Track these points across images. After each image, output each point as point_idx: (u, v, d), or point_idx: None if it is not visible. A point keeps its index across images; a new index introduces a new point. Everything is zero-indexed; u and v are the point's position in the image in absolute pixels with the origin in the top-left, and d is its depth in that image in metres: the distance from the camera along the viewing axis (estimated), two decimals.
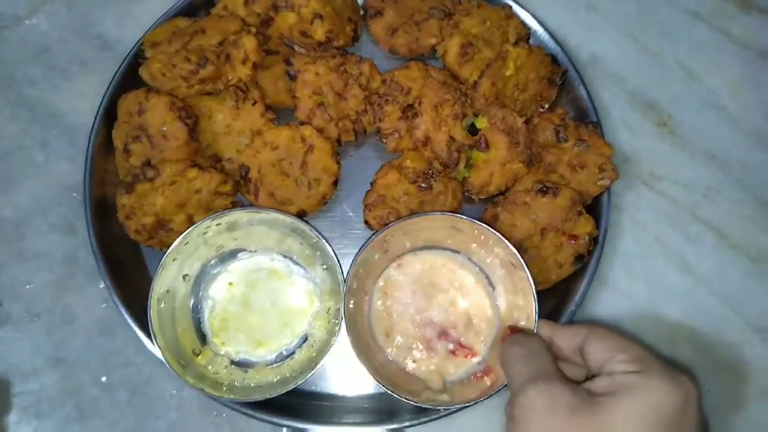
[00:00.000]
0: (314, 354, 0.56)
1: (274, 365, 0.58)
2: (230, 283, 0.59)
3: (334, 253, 0.55)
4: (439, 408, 0.55)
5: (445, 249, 0.60)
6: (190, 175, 0.57)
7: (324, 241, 0.55)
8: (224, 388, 0.54)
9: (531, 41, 0.66)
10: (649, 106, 0.69)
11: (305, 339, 0.59)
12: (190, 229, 0.54)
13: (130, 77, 0.61)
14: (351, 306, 0.55)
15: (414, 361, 0.58)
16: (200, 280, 0.59)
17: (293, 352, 0.59)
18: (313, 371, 0.54)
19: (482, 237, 0.56)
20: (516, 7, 0.66)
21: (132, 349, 0.59)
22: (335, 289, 0.56)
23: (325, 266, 0.58)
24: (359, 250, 0.55)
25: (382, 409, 0.59)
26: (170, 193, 0.56)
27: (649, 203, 0.66)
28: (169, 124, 0.57)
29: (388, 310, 0.59)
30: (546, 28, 0.66)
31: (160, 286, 0.54)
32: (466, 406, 0.54)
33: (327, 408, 0.59)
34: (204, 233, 0.56)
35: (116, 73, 0.62)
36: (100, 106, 0.61)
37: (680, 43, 0.70)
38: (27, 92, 0.66)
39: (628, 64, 0.70)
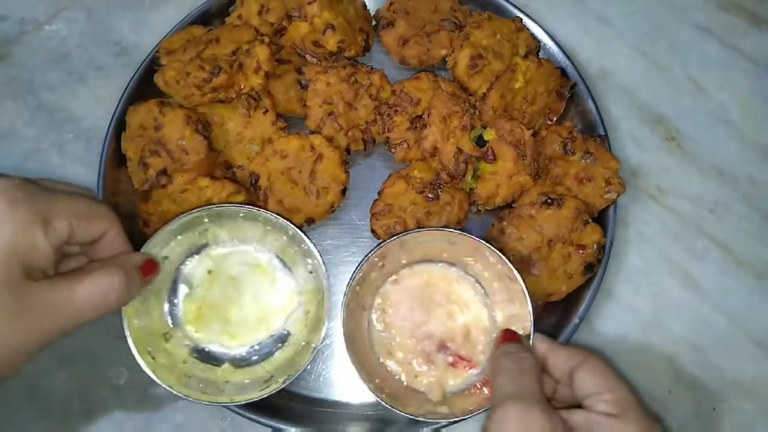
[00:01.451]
0: (293, 355, 0.56)
1: (245, 364, 0.57)
2: (209, 272, 0.59)
3: (321, 259, 0.55)
4: (439, 421, 0.56)
5: (441, 262, 0.60)
6: (202, 183, 0.58)
7: (311, 245, 0.55)
8: (195, 384, 0.54)
9: (541, 54, 0.67)
10: (658, 120, 0.69)
11: (283, 339, 0.58)
12: (179, 218, 0.54)
13: (144, 84, 0.63)
14: (349, 325, 0.56)
15: (414, 375, 0.58)
16: (180, 265, 0.58)
17: (270, 353, 0.58)
18: (296, 374, 0.54)
19: (478, 251, 0.57)
20: (526, 20, 0.67)
21: None
22: (317, 293, 0.56)
23: (310, 269, 0.58)
24: (355, 269, 0.56)
25: (386, 417, 0.60)
26: (182, 201, 0.58)
27: (655, 217, 0.66)
28: (187, 138, 0.58)
29: (387, 327, 0.59)
30: (556, 41, 0.66)
31: None
32: (465, 419, 0.54)
33: (332, 415, 0.60)
34: (192, 221, 0.55)
35: (131, 79, 0.63)
36: (113, 116, 0.62)
37: (690, 58, 0.71)
38: (45, 97, 0.68)
39: (637, 78, 0.70)
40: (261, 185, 0.60)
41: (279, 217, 0.55)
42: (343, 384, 0.61)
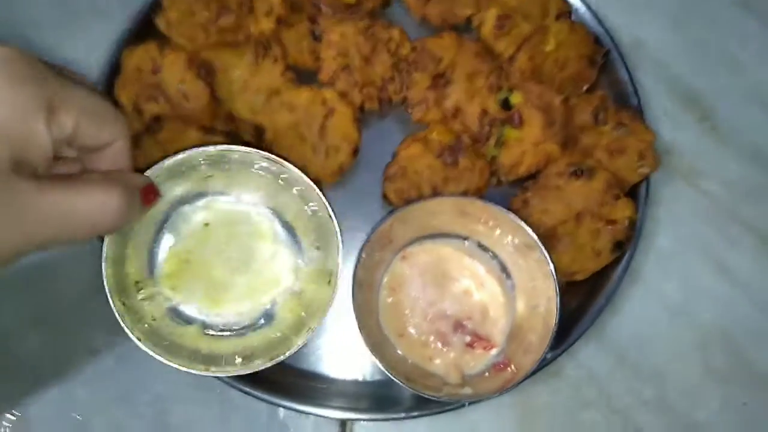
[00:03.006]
0: (275, 336, 0.50)
1: (217, 333, 0.51)
2: (206, 224, 0.52)
3: (339, 237, 0.49)
4: (463, 402, 0.52)
5: (452, 237, 0.56)
6: (192, 136, 0.52)
7: (331, 217, 0.49)
8: (163, 342, 0.48)
9: (572, 19, 0.62)
10: (692, 97, 0.65)
11: (266, 318, 0.52)
12: (186, 152, 0.47)
13: (145, 27, 0.57)
14: (360, 302, 0.51)
15: (429, 357, 0.54)
16: (173, 209, 0.52)
17: (246, 328, 0.52)
18: (272, 362, 0.48)
19: (493, 220, 0.53)
20: None
21: None
22: (321, 274, 0.51)
23: (318, 245, 0.52)
24: (363, 243, 0.51)
25: (388, 396, 0.55)
26: (170, 151, 0.52)
27: (687, 200, 0.62)
28: (188, 83, 0.53)
29: (398, 307, 0.55)
30: (588, 6, 0.62)
31: None
32: (489, 398, 0.50)
33: (327, 391, 0.55)
34: (201, 160, 0.49)
35: (131, 23, 0.58)
36: (108, 59, 0.57)
37: (728, 34, 0.66)
38: (38, 39, 0.63)
39: (671, 51, 0.65)
40: (266, 139, 0.55)
41: (303, 175, 0.49)
42: (339, 360, 0.57)
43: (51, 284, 0.56)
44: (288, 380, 0.55)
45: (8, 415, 0.54)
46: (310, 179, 0.55)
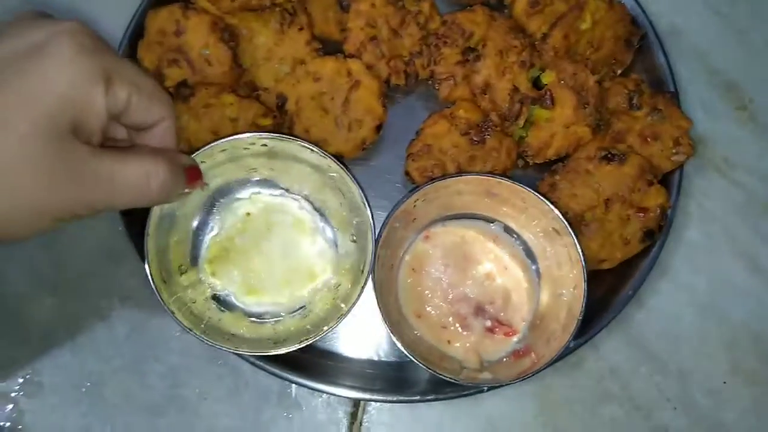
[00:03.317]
0: (307, 327, 0.50)
1: (255, 320, 0.52)
2: (248, 214, 0.53)
3: (373, 231, 0.48)
4: (483, 387, 0.50)
5: (477, 218, 0.54)
6: (227, 100, 0.51)
7: (369, 211, 0.48)
8: (200, 324, 0.48)
9: None
10: (730, 86, 0.62)
11: (303, 308, 0.52)
12: (230, 138, 0.48)
13: None
14: (378, 279, 0.49)
15: (448, 340, 0.52)
16: (217, 197, 0.52)
17: (283, 316, 0.52)
18: (300, 345, 0.47)
19: (521, 201, 0.51)
20: None
21: (137, 279, 0.54)
22: (356, 267, 0.50)
23: (354, 239, 0.51)
24: (386, 220, 0.50)
25: (403, 378, 0.53)
26: (203, 117, 0.51)
27: (720, 192, 0.60)
28: (212, 47, 0.52)
29: (418, 286, 0.53)
30: None
31: None
32: (508, 384, 0.49)
33: (343, 370, 0.54)
34: (244, 148, 0.49)
35: None
36: (131, 20, 0.56)
37: None
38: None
39: (710, 39, 0.63)
40: (288, 109, 0.54)
41: (345, 170, 0.49)
42: (360, 339, 0.55)
43: (64, 250, 0.56)
44: (302, 357, 0.53)
45: (20, 379, 0.53)
46: (331, 152, 0.53)
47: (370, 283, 0.48)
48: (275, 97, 0.54)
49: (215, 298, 0.52)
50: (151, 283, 0.46)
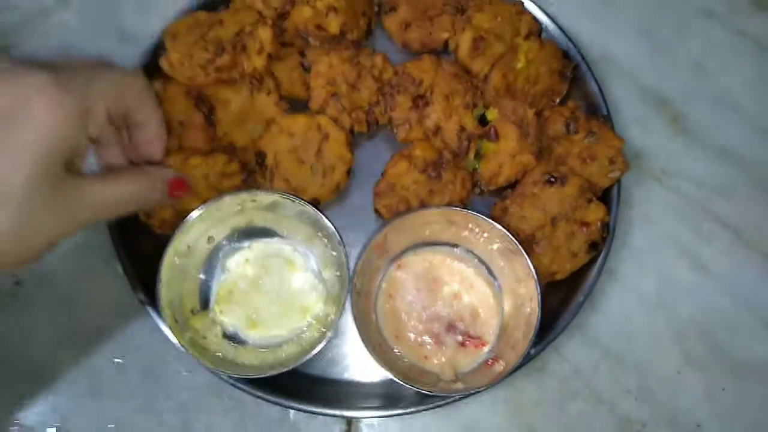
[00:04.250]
0: (299, 352, 0.57)
1: (262, 350, 0.58)
2: (247, 260, 0.60)
3: (347, 262, 0.56)
4: (453, 395, 0.56)
5: (443, 244, 0.61)
6: (194, 162, 0.58)
7: (343, 248, 0.56)
8: (210, 357, 0.55)
9: (543, 36, 0.67)
10: (661, 102, 0.69)
11: (297, 337, 0.59)
12: (224, 197, 0.55)
13: (150, 71, 0.62)
14: (358, 308, 0.56)
15: (425, 356, 0.58)
16: (221, 247, 0.60)
17: (280, 345, 0.59)
18: (293, 365, 0.54)
19: (478, 227, 0.57)
20: (528, 3, 0.67)
21: (146, 331, 0.60)
22: (338, 298, 0.57)
23: (338, 273, 0.58)
24: (360, 252, 0.56)
25: (393, 394, 0.59)
26: None
27: (660, 199, 0.66)
28: (185, 113, 0.59)
29: (395, 311, 0.59)
30: (557, 24, 0.66)
31: (181, 242, 0.55)
32: (479, 391, 0.55)
33: (338, 393, 0.60)
34: (240, 204, 0.57)
35: (139, 65, 0.63)
36: None
37: (694, 41, 0.71)
38: None
39: (640, 60, 0.70)
40: (267, 164, 0.60)
41: (325, 219, 0.56)
42: (348, 363, 0.61)
43: (82, 307, 0.62)
44: (298, 384, 0.59)
45: (49, 429, 0.59)
46: (310, 198, 0.60)
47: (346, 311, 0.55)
48: (255, 154, 0.61)
49: (227, 337, 0.59)
50: (164, 323, 0.54)
